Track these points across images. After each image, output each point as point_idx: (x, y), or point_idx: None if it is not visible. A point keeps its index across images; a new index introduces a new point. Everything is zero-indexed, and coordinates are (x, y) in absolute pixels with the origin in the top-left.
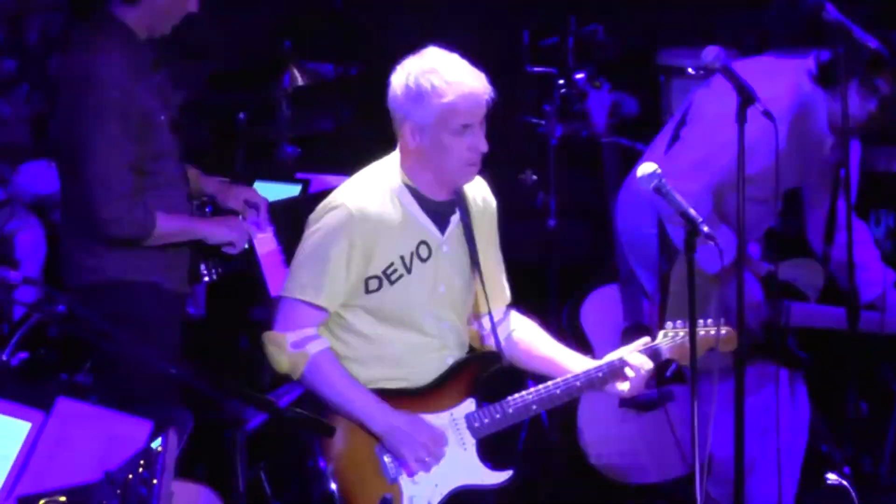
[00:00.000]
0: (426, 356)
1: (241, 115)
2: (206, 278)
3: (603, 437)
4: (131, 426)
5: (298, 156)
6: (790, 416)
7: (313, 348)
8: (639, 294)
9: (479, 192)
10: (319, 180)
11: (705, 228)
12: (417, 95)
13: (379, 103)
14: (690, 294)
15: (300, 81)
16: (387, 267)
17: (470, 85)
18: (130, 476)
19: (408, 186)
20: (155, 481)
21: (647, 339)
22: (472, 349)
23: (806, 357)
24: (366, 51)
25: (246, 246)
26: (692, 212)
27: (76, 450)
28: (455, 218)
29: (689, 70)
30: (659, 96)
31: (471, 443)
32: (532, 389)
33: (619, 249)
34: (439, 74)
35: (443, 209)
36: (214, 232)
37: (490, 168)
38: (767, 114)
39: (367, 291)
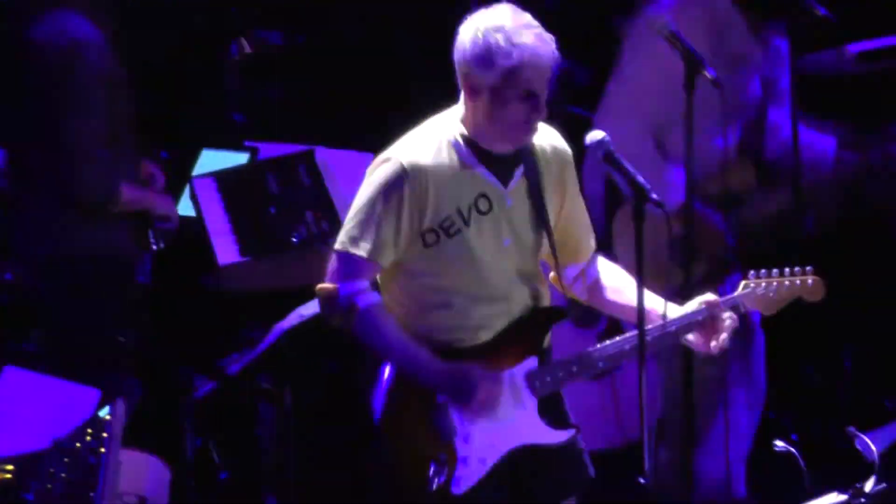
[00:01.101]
0: (491, 314)
1: (189, 83)
2: (154, 246)
3: None
4: (79, 395)
5: (246, 124)
6: (745, 390)
7: (363, 301)
8: None
9: (549, 142)
10: (268, 148)
11: (654, 196)
12: (483, 52)
13: (327, 71)
14: (638, 261)
15: (248, 49)
16: (443, 220)
17: (537, 50)
18: (78, 444)
19: (466, 139)
20: (103, 450)
21: (713, 296)
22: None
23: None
24: (313, 18)
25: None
26: (640, 179)
27: (24, 418)
28: (519, 171)
29: None
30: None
31: (531, 401)
32: (599, 346)
33: None
34: (508, 34)
35: (505, 161)
36: (162, 204)
37: None
38: (715, 81)
39: (426, 245)
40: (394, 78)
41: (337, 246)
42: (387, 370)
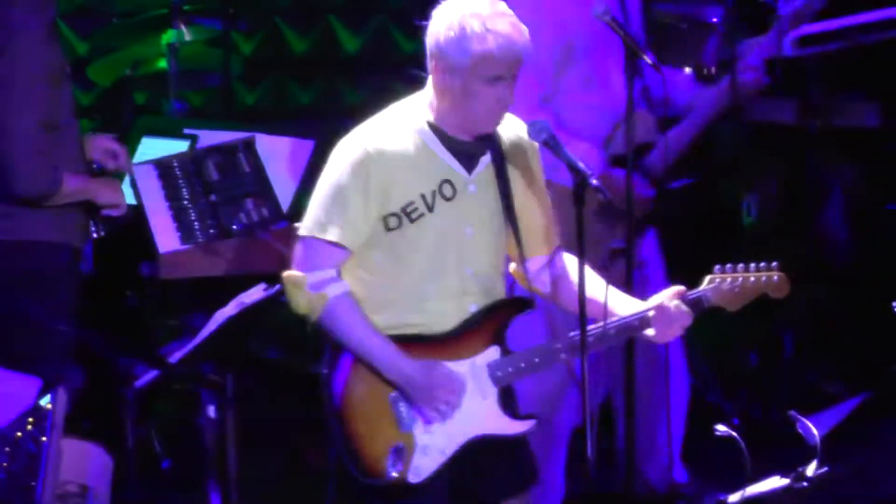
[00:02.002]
0: (447, 303)
1: (128, 71)
2: (94, 234)
3: None
4: (20, 383)
5: (186, 111)
6: (673, 379)
7: (332, 291)
8: None
9: (513, 133)
10: (207, 135)
11: (594, 181)
12: (458, 36)
13: (267, 58)
14: (580, 244)
15: (188, 37)
16: (406, 204)
17: (511, 37)
18: (19, 434)
19: (431, 125)
20: (44, 438)
21: (681, 288)
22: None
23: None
24: (253, 6)
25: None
26: (581, 165)
27: None
28: (485, 159)
29: None
30: None
31: (492, 392)
32: (561, 337)
33: None
34: (483, 20)
35: (470, 149)
36: (106, 193)
37: None
38: (656, 66)
39: (388, 229)
40: (334, 66)
41: (302, 232)
42: (346, 356)
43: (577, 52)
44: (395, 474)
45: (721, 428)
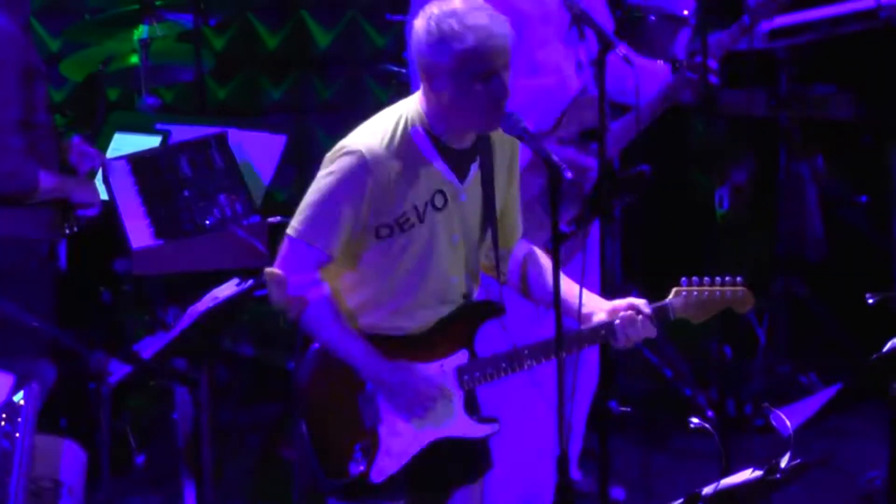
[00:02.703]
0: (428, 310)
1: (100, 67)
2: (67, 231)
3: None
4: None
5: (158, 107)
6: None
7: (313, 294)
8: None
9: (502, 133)
10: (179, 131)
11: (569, 173)
12: (438, 39)
13: (238, 54)
14: (555, 237)
15: (159, 32)
16: (399, 216)
17: (491, 29)
18: None
19: (428, 133)
20: (18, 435)
21: (643, 301)
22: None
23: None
24: (225, 2)
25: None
26: (555, 158)
27: None
28: (475, 165)
29: None
30: None
31: (457, 395)
32: (528, 343)
33: None
34: (460, 18)
35: (463, 156)
36: (81, 192)
37: None
38: (626, 59)
39: (378, 237)
40: (306, 62)
41: (290, 232)
42: (314, 351)
43: (525, 38)
44: (357, 471)
45: (695, 420)
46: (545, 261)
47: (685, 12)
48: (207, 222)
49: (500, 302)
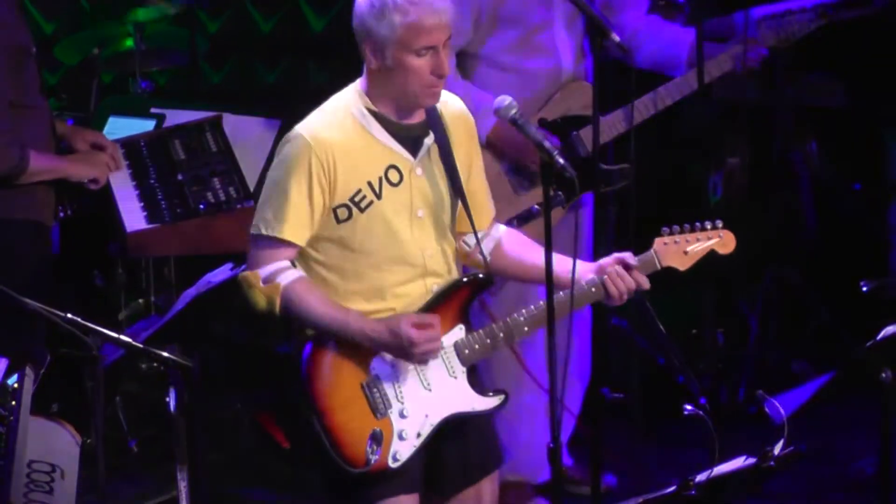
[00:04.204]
0: (410, 285)
1: (95, 50)
2: (61, 214)
3: None
4: None
5: (153, 90)
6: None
7: (285, 278)
8: None
9: (455, 110)
10: (174, 115)
11: (560, 160)
12: (380, 13)
13: (233, 37)
14: (546, 220)
15: (155, 12)
16: (354, 194)
17: (434, 4)
18: None
19: (370, 111)
20: (12, 418)
21: (628, 254)
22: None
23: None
24: None
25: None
26: (547, 143)
27: None
28: (428, 140)
29: None
30: None
31: (461, 370)
32: (523, 311)
33: None
34: None
35: (413, 131)
36: (78, 170)
37: None
38: (621, 46)
39: (339, 221)
40: (300, 46)
41: (252, 230)
42: (309, 347)
43: (506, 12)
44: (374, 459)
45: (688, 407)
46: (522, 238)
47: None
48: (201, 206)
49: (489, 275)
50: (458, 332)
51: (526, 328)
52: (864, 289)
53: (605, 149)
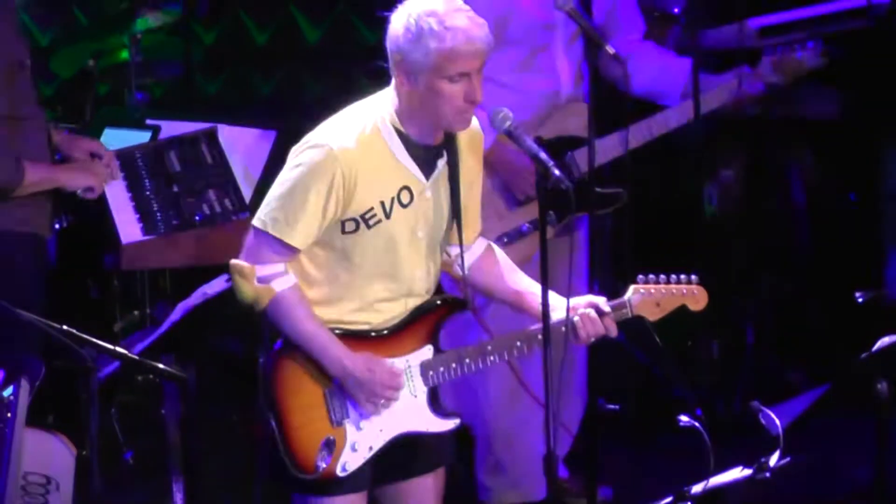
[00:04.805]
0: (391, 303)
1: (90, 62)
2: (56, 226)
3: None
4: None
5: (148, 102)
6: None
7: (280, 285)
8: None
9: (469, 130)
10: (169, 126)
11: (556, 172)
12: (416, 37)
13: (228, 48)
14: (542, 234)
15: (152, 22)
16: (366, 211)
17: (470, 32)
18: None
19: (396, 130)
20: (7, 430)
21: (602, 298)
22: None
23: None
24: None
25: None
26: (543, 155)
27: None
28: (441, 161)
29: None
30: None
31: (422, 390)
32: (493, 338)
33: None
34: (441, 18)
35: (431, 154)
36: (74, 179)
37: None
38: (617, 57)
39: (344, 232)
40: (295, 57)
41: (256, 223)
42: (280, 346)
43: (510, 34)
44: (323, 466)
45: (684, 419)
46: (503, 257)
47: (675, 11)
48: (197, 218)
49: (465, 298)
50: (426, 352)
51: (492, 357)
52: (860, 300)
53: (601, 170)
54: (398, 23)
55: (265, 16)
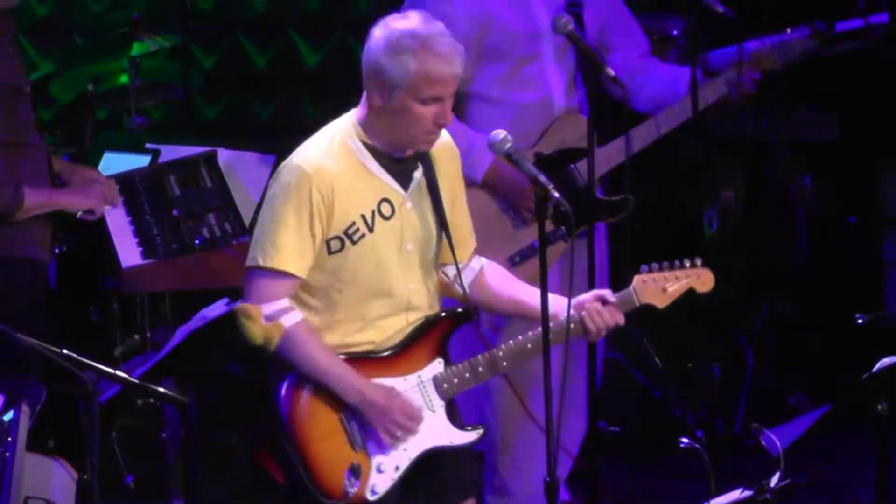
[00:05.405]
0: (391, 319)
1: (90, 87)
2: (56, 250)
3: None
4: None
5: (148, 126)
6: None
7: (288, 320)
8: None
9: (443, 145)
10: (169, 150)
11: (556, 194)
12: (396, 53)
13: (227, 72)
14: (542, 254)
15: (152, 48)
16: (348, 227)
17: (450, 57)
18: None
19: (365, 144)
20: (8, 454)
21: (606, 291)
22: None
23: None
24: (213, 21)
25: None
26: (542, 178)
27: None
28: (418, 173)
29: None
30: None
31: (439, 404)
32: (503, 346)
33: None
34: (421, 39)
35: (405, 165)
36: (74, 201)
37: None
38: (616, 80)
39: (330, 252)
40: (294, 81)
41: (249, 263)
42: (291, 379)
43: (492, 47)
44: (353, 492)
45: (685, 440)
46: (502, 271)
47: (674, 32)
48: (196, 241)
49: (469, 309)
50: (437, 365)
51: (505, 363)
52: (860, 321)
53: (602, 180)
54: (378, 39)
55: (265, 40)
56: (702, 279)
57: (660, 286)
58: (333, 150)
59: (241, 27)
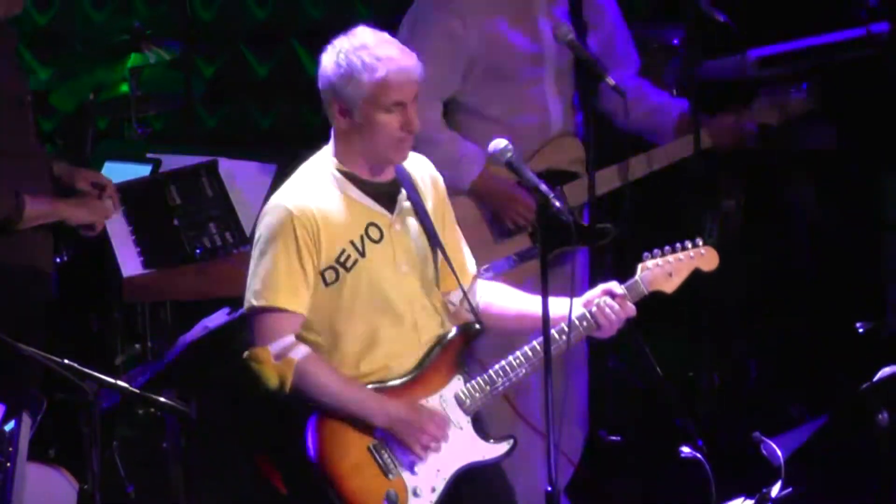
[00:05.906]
0: (402, 340)
1: (90, 96)
2: (57, 259)
3: None
4: None
5: (148, 135)
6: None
7: (297, 354)
8: None
9: (424, 171)
10: (170, 160)
11: (557, 203)
12: (347, 72)
13: (228, 82)
14: (542, 263)
15: (151, 59)
16: (338, 255)
17: (401, 61)
18: None
19: (344, 172)
20: (9, 464)
21: (613, 283)
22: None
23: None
24: (215, 31)
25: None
26: (544, 187)
27: None
28: (402, 196)
29: None
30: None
31: (465, 420)
32: (519, 354)
33: None
34: (370, 51)
35: (386, 189)
36: (76, 213)
37: None
38: (617, 88)
39: (327, 284)
40: (295, 91)
41: (245, 308)
42: (312, 420)
43: (500, 70)
44: None
45: (686, 449)
46: (500, 287)
47: (674, 42)
48: (197, 251)
49: (481, 324)
50: (457, 382)
51: (523, 371)
52: (861, 330)
53: (600, 202)
54: (328, 62)
55: (266, 49)
56: (706, 257)
57: (665, 271)
58: (312, 183)
59: (243, 36)
